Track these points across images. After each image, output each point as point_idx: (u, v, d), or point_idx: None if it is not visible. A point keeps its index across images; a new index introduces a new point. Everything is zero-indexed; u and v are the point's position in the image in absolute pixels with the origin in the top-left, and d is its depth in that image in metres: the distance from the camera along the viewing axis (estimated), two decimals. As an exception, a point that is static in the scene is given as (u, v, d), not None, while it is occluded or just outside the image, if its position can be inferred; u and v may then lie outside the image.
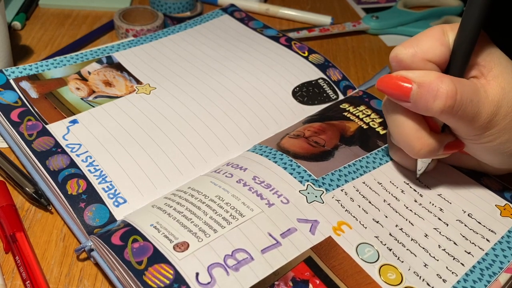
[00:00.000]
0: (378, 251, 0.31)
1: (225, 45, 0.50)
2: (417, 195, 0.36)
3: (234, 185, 0.34)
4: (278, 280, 0.29)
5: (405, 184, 0.37)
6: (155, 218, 0.31)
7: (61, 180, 0.34)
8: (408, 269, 0.31)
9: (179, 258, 0.29)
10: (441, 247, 0.32)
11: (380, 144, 0.40)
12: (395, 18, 0.60)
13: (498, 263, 0.32)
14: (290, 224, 0.32)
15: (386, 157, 0.39)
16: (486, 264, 0.32)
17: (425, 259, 0.31)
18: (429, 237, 0.33)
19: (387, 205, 0.35)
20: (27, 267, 0.32)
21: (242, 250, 0.30)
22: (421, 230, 0.33)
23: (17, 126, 0.38)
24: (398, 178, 0.37)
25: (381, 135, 0.40)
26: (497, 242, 0.33)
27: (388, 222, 0.34)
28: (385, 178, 0.37)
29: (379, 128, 0.41)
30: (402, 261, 0.31)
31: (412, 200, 0.35)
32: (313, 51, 0.50)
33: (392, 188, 0.36)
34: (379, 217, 0.34)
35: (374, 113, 0.43)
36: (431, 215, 0.34)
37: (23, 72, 0.43)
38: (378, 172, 0.37)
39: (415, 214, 0.34)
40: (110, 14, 0.60)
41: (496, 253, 0.32)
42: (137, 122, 0.40)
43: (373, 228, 0.33)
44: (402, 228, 0.33)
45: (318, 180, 0.35)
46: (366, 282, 0.30)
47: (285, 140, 0.39)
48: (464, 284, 0.30)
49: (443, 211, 0.35)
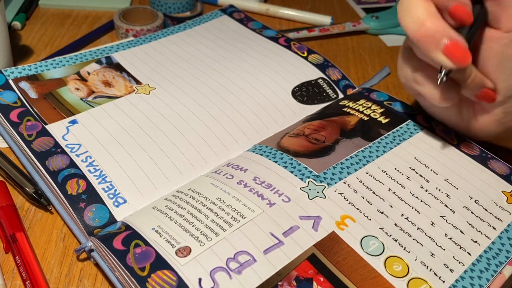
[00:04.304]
0: (383, 243, 0.31)
1: (224, 46, 0.50)
2: (423, 180, 0.35)
3: (234, 187, 0.34)
4: (282, 281, 0.29)
5: (411, 170, 0.36)
6: (156, 222, 0.31)
7: (61, 180, 0.34)
8: (414, 259, 0.30)
9: (182, 264, 0.29)
10: (447, 236, 0.32)
11: (382, 133, 0.39)
12: (395, 18, 0.60)
13: (504, 252, 0.31)
14: (292, 222, 0.32)
15: (390, 145, 0.38)
16: (493, 253, 0.31)
17: (432, 248, 0.31)
18: (435, 226, 0.32)
19: (392, 194, 0.34)
20: (27, 267, 0.32)
21: (245, 252, 0.30)
22: (428, 218, 0.33)
23: (17, 126, 0.38)
24: (403, 164, 0.36)
25: (383, 124, 0.40)
26: (504, 231, 0.33)
27: (393, 212, 0.33)
28: (390, 166, 0.36)
29: (381, 118, 0.41)
30: (408, 251, 0.31)
31: (418, 186, 0.35)
32: (313, 51, 0.50)
33: (397, 175, 0.36)
34: (384, 208, 0.33)
35: (375, 105, 0.42)
36: (437, 201, 0.34)
37: (22, 72, 0.43)
38: (382, 160, 0.37)
39: (421, 201, 0.34)
40: (110, 14, 0.60)
41: (503, 242, 0.32)
42: (136, 122, 0.40)
43: (377, 219, 0.33)
44: (408, 217, 0.33)
45: (320, 175, 0.35)
46: (372, 276, 0.29)
47: (285, 139, 0.39)
48: (471, 274, 0.30)
49: (449, 197, 0.34)
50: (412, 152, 0.38)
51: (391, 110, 0.42)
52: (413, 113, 0.41)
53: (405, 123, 0.40)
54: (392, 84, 0.52)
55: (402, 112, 0.41)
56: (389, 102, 0.43)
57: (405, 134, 0.39)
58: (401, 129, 0.40)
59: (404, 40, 0.36)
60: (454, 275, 0.30)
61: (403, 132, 0.39)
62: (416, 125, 0.40)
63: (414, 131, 0.40)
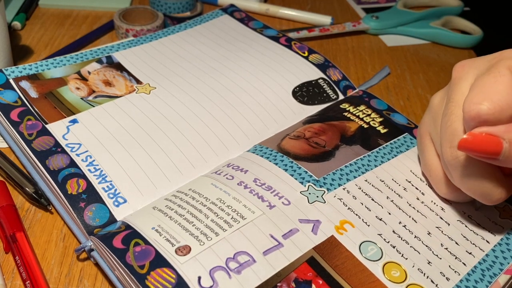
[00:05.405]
0: (381, 248, 0.31)
1: (225, 45, 0.50)
2: (419, 193, 0.36)
3: (235, 188, 0.34)
4: (281, 282, 0.29)
5: (407, 182, 0.37)
6: (156, 221, 0.31)
7: (61, 180, 0.34)
8: (412, 266, 0.31)
9: (181, 262, 0.29)
10: (443, 246, 0.32)
11: (381, 143, 0.40)
12: (395, 18, 0.60)
13: (498, 265, 0.32)
14: (292, 225, 0.32)
15: (387, 155, 0.39)
16: (487, 265, 0.32)
17: (428, 256, 0.31)
18: (432, 235, 0.33)
19: (390, 202, 0.35)
20: (27, 267, 0.32)
21: (244, 252, 0.30)
22: (424, 227, 0.33)
23: (17, 125, 0.38)
24: (400, 176, 0.37)
25: (382, 134, 0.40)
26: (497, 244, 0.33)
27: (391, 219, 0.33)
28: (387, 176, 0.37)
29: (380, 127, 0.41)
30: (406, 258, 0.31)
31: (414, 197, 0.35)
32: (313, 51, 0.50)
33: (394, 185, 0.36)
34: (383, 214, 0.34)
35: (374, 113, 0.43)
36: (433, 213, 0.34)
37: (23, 71, 0.43)
38: (380, 170, 0.37)
39: (418, 212, 0.34)
40: (110, 14, 0.60)
41: (496, 255, 0.32)
42: (137, 121, 0.40)
43: (376, 225, 0.33)
44: (406, 225, 0.33)
45: (319, 180, 0.35)
46: (370, 281, 0.30)
47: (285, 141, 0.39)
48: (467, 284, 0.30)
49: (444, 210, 0.35)
50: (408, 165, 0.38)
51: (390, 120, 0.42)
52: (410, 126, 0.42)
53: (402, 136, 0.41)
54: (392, 84, 0.52)
55: (400, 124, 0.42)
56: (388, 112, 0.43)
57: (402, 147, 0.40)
58: (399, 141, 0.40)
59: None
60: (451, 283, 0.30)
61: (400, 145, 0.40)
62: (413, 139, 0.41)
63: (411, 144, 0.40)
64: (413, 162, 0.38)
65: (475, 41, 0.58)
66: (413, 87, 0.52)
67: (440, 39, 0.59)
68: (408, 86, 0.52)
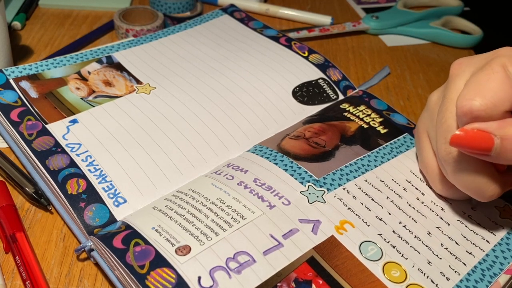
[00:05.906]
0: (381, 248, 0.31)
1: (225, 45, 0.50)
2: (419, 193, 0.36)
3: (235, 188, 0.34)
4: (281, 282, 0.29)
5: (407, 182, 0.37)
6: (156, 221, 0.31)
7: (61, 180, 0.34)
8: (412, 266, 0.31)
9: (181, 262, 0.29)
10: (443, 246, 0.32)
11: (381, 143, 0.40)
12: (395, 18, 0.60)
13: (498, 265, 0.32)
14: (292, 225, 0.32)
15: (387, 156, 0.39)
16: (487, 265, 0.32)
17: (428, 256, 0.31)
18: (432, 235, 0.33)
19: (390, 202, 0.35)
20: (27, 267, 0.32)
21: (244, 252, 0.30)
22: (424, 228, 0.33)
23: (17, 125, 0.38)
24: (400, 176, 0.37)
25: (382, 134, 0.40)
26: (497, 244, 0.33)
27: (391, 219, 0.33)
28: (387, 176, 0.37)
29: (380, 128, 0.41)
30: (406, 258, 0.31)
31: (414, 198, 0.35)
32: (313, 51, 0.50)
33: (394, 185, 0.36)
34: (383, 214, 0.34)
35: (374, 113, 0.43)
36: (433, 213, 0.34)
37: (23, 71, 0.43)
38: (380, 170, 0.37)
39: (418, 212, 0.34)
40: (110, 14, 0.60)
41: (496, 255, 0.32)
42: (137, 121, 0.40)
43: (376, 225, 0.33)
44: (406, 225, 0.33)
45: (319, 180, 0.35)
46: (370, 281, 0.30)
47: (285, 141, 0.39)
48: (467, 284, 0.30)
49: (444, 210, 0.35)
50: (408, 165, 0.38)
51: (390, 120, 0.42)
52: (410, 127, 0.42)
53: (402, 136, 0.41)
54: (392, 84, 0.52)
55: (400, 124, 0.42)
56: (388, 112, 0.43)
57: (401, 147, 0.40)
58: (398, 141, 0.40)
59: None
60: (451, 283, 0.30)
61: (400, 145, 0.40)
62: (413, 139, 0.41)
63: (411, 144, 0.40)
64: (413, 162, 0.38)
65: (475, 41, 0.58)
66: (413, 87, 0.52)
67: (440, 39, 0.59)
68: (408, 86, 0.52)
